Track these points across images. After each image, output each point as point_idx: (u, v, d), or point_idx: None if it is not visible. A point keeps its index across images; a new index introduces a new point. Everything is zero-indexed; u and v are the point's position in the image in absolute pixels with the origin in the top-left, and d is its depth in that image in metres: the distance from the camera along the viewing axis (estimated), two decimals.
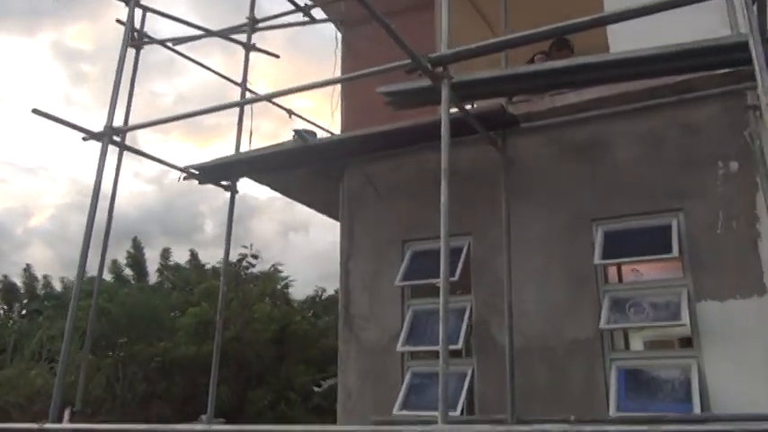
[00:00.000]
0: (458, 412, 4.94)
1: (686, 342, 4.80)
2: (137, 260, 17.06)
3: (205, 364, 12.22)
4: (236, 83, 6.71)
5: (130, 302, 13.24)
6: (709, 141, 4.76)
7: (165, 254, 18.25)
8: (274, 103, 6.83)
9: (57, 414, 4.28)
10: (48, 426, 4.17)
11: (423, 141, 5.53)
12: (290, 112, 7.26)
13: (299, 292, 15.13)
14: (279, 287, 14.28)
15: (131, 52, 6.71)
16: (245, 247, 14.28)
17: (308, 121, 7.35)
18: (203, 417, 5.90)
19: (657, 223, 4.81)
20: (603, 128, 5.18)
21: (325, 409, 12.46)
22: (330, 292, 14.77)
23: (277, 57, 7.23)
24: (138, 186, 44.12)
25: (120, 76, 5.31)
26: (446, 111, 4.07)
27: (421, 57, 4.04)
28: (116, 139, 5.19)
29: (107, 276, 17.88)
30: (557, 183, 5.29)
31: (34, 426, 4.11)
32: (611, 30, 5.37)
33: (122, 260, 16.84)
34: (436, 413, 5.01)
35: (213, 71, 7.12)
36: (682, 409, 4.25)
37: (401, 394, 5.32)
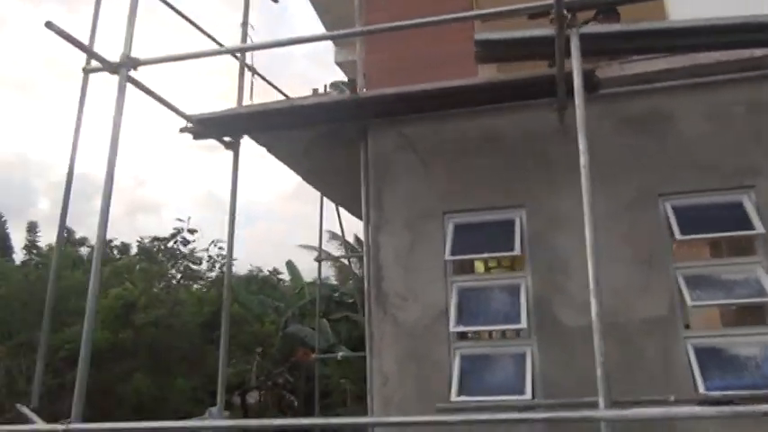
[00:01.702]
0: (528, 396, 4.59)
1: (760, 319, 4.78)
2: None
3: (122, 351, 10.95)
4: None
5: (24, 285, 11.48)
6: None
7: (32, 228, 16.21)
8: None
9: None
10: (73, 426, 3.67)
11: (475, 104, 5.11)
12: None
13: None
14: (217, 266, 13.05)
15: None
16: (180, 220, 12.84)
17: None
18: (213, 410, 5.11)
19: (728, 200, 4.74)
20: (669, 100, 5.02)
21: None
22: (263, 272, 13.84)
23: (276, 1, 6.38)
24: None
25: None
26: (578, 61, 3.65)
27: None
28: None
29: None
30: (619, 155, 5.06)
31: (59, 426, 3.50)
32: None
33: None
34: (502, 398, 4.70)
35: None
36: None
37: (454, 379, 4.86)
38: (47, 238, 16.99)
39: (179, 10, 5.87)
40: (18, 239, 15.98)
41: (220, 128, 5.25)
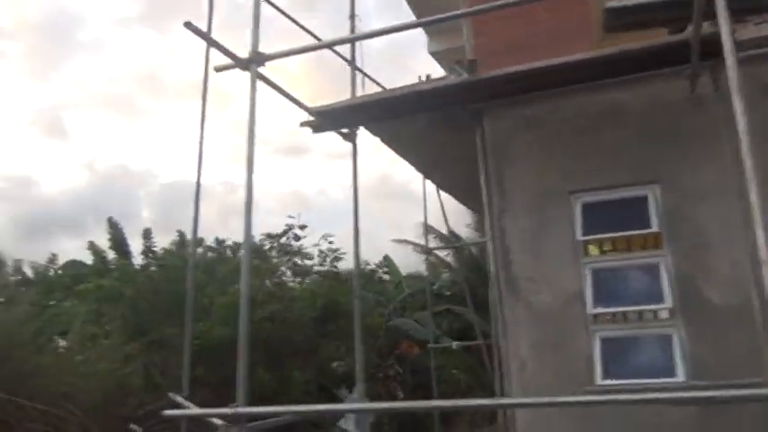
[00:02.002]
0: (681, 378, 4.37)
1: None
2: (117, 241, 15.88)
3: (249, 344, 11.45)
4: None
5: (150, 284, 12.22)
6: None
7: (147, 235, 17.17)
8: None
9: None
10: (240, 410, 3.70)
11: (601, 77, 4.90)
12: None
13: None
14: (328, 260, 13.37)
15: None
16: (291, 217, 13.23)
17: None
18: (353, 395, 5.21)
19: None
20: None
21: None
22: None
23: None
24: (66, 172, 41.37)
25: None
26: (727, 20, 3.39)
27: None
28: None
29: (88, 259, 16.80)
30: (757, 124, 4.69)
31: (228, 410, 3.65)
32: None
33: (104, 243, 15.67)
34: (651, 381, 4.50)
35: None
36: None
37: (598, 362, 4.72)
38: (160, 242, 18.00)
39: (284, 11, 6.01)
40: (134, 245, 17.04)
41: (341, 119, 5.33)
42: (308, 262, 13.21)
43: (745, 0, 3.60)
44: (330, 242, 13.27)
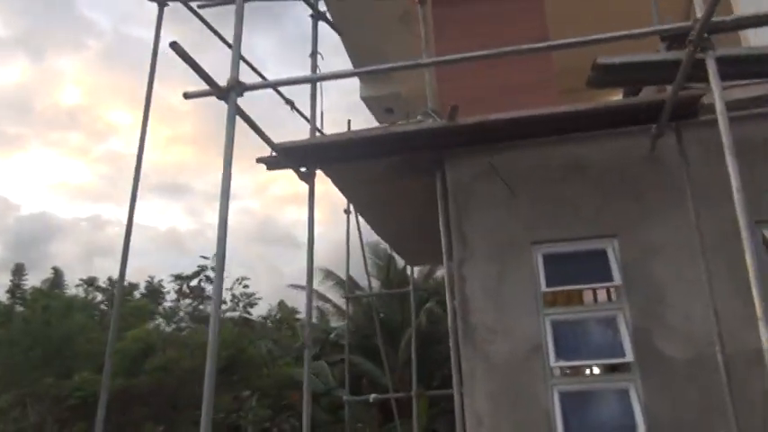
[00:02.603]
0: None
1: None
2: None
3: (139, 396, 10.37)
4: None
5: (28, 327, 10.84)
6: None
7: (19, 271, 15.57)
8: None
9: None
10: None
11: (569, 131, 5.04)
12: None
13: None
14: (241, 305, 12.53)
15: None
16: (204, 258, 12.33)
17: None
18: None
19: None
20: (756, 129, 5.02)
21: None
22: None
23: (341, 33, 6.28)
24: None
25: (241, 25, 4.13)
26: (718, 86, 3.57)
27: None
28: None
29: None
30: (711, 183, 4.99)
31: None
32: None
33: None
34: None
35: None
36: None
37: (558, 418, 4.63)
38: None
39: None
40: None
41: (301, 158, 5.05)
42: (222, 306, 12.39)
43: (730, 66, 3.79)
44: (245, 286, 12.59)
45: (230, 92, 3.82)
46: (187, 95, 3.98)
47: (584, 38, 3.94)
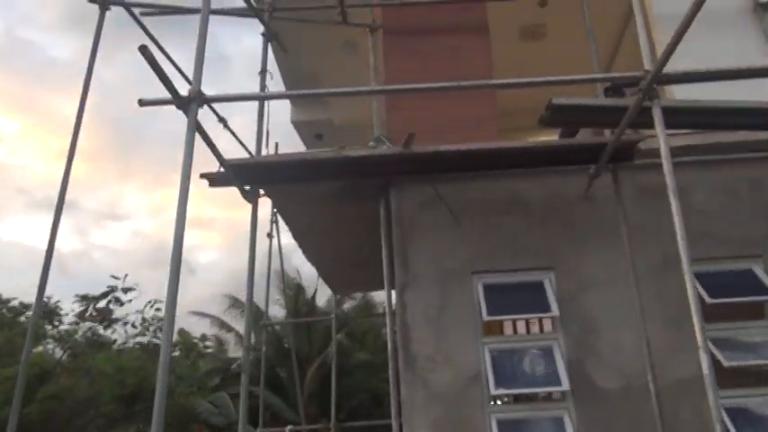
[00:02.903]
0: None
1: None
2: None
3: (28, 426, 9.41)
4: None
5: None
6: None
7: None
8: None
9: None
10: None
11: (510, 167, 5.22)
12: None
13: None
14: (151, 329, 11.70)
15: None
16: (115, 278, 11.39)
17: None
18: None
19: (744, 267, 5.13)
20: (683, 175, 5.40)
21: None
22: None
23: (286, 51, 6.21)
24: None
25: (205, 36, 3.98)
26: (663, 133, 3.83)
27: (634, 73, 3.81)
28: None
29: None
30: (644, 222, 5.30)
31: None
32: None
33: None
34: None
35: None
36: None
37: None
38: None
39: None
40: None
41: (249, 176, 4.88)
42: (131, 330, 11.59)
43: (676, 116, 4.08)
44: (158, 309, 11.88)
45: (191, 102, 3.65)
46: (142, 103, 3.75)
47: (533, 79, 4.09)
